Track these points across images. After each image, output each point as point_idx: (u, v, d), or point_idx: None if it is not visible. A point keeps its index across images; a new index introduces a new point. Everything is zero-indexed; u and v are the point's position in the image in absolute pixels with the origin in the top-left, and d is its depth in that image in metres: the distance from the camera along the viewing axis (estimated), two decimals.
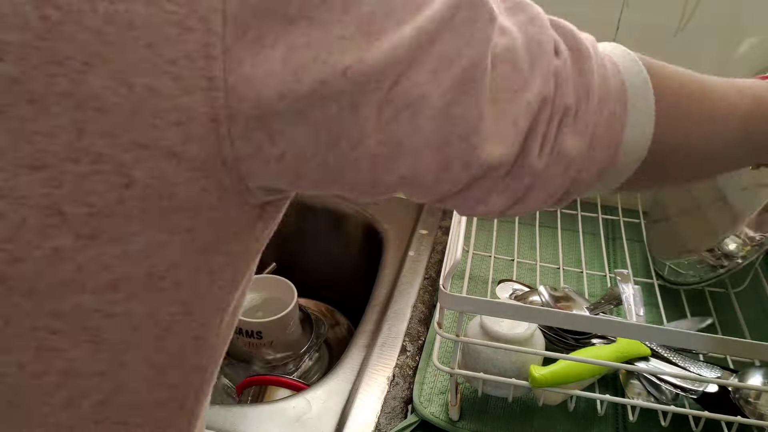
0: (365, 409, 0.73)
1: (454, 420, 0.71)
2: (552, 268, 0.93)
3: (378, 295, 0.90)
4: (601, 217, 1.02)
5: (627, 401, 0.69)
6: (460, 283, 0.87)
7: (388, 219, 1.05)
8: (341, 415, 0.72)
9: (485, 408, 0.73)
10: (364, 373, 0.77)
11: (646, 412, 0.69)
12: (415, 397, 0.74)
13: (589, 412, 0.72)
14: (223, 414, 0.72)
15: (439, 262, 0.97)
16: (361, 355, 0.80)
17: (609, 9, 0.96)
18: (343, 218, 1.10)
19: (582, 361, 0.67)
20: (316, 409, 0.73)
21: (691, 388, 0.68)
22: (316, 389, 0.76)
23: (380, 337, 0.82)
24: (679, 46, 0.96)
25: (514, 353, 0.69)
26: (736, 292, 0.87)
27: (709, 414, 0.66)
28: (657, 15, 0.95)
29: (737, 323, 0.82)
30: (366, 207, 1.08)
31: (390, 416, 0.72)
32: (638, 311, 0.81)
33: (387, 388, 0.76)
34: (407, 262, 0.96)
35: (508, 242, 0.98)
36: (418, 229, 1.03)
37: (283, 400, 0.76)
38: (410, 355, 0.80)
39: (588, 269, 0.93)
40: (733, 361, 0.77)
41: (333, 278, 1.15)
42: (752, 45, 0.94)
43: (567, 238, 0.99)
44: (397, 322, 0.85)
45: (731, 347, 0.65)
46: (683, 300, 0.86)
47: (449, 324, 0.83)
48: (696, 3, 0.93)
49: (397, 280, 0.92)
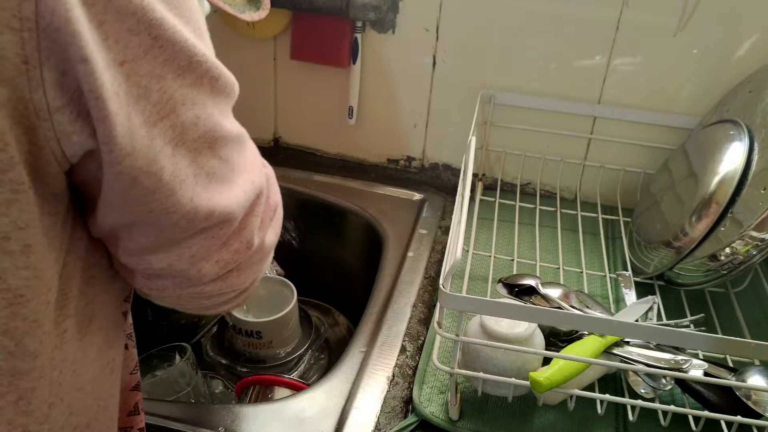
0: (365, 408, 0.73)
1: (454, 420, 0.71)
2: (552, 268, 0.93)
3: (378, 294, 0.90)
4: (601, 217, 1.02)
5: (626, 401, 0.69)
6: (460, 282, 0.87)
7: (388, 219, 1.05)
8: (341, 414, 0.72)
9: (485, 407, 0.73)
10: (364, 372, 0.77)
11: (646, 412, 0.69)
12: (415, 396, 0.74)
13: (589, 412, 0.72)
14: (223, 414, 0.72)
15: (438, 262, 0.97)
16: (361, 354, 0.80)
17: (609, 9, 0.96)
18: (343, 218, 1.10)
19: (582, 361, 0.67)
20: (316, 409, 0.73)
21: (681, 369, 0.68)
22: (316, 389, 0.76)
23: (380, 337, 0.82)
24: (679, 46, 0.96)
25: (514, 353, 0.68)
26: (736, 292, 0.87)
27: (709, 414, 0.66)
28: (657, 15, 0.95)
29: (737, 323, 0.82)
30: (366, 207, 1.08)
31: (390, 416, 0.72)
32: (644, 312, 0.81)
33: (387, 387, 0.76)
34: (407, 261, 0.96)
35: (508, 242, 0.98)
36: (418, 229, 1.03)
37: (283, 400, 0.76)
38: (410, 355, 0.80)
39: (588, 269, 0.93)
40: (732, 360, 0.77)
41: (333, 278, 1.15)
42: (752, 45, 0.94)
43: (567, 238, 0.99)
44: (396, 322, 0.85)
45: (731, 347, 0.65)
46: (683, 300, 0.86)
47: (449, 324, 0.83)
48: (696, 3, 0.93)
49: (397, 280, 0.92)
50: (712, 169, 0.82)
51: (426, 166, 1.16)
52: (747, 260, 0.76)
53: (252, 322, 0.92)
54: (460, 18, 1.01)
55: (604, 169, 1.05)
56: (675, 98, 1.00)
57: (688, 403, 0.71)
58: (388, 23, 1.04)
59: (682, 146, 0.95)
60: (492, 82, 1.04)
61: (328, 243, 1.12)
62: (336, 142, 1.18)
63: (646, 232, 0.92)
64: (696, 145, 0.91)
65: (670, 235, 0.84)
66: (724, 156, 0.81)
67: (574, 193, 1.09)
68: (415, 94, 1.09)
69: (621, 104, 1.02)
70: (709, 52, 0.96)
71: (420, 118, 1.11)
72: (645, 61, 0.98)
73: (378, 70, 1.08)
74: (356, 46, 1.05)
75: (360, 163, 1.19)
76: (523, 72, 1.03)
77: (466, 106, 1.02)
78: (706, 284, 0.82)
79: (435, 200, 1.10)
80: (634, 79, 1.00)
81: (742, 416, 0.65)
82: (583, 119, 1.04)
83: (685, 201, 0.84)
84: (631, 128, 1.02)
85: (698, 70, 0.98)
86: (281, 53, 1.11)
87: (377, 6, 1.00)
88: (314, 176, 1.14)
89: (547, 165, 1.07)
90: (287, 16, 1.06)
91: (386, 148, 1.16)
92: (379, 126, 1.14)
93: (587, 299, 0.82)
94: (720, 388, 0.69)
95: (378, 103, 1.11)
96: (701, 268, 0.81)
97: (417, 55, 1.06)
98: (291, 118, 1.18)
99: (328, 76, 1.11)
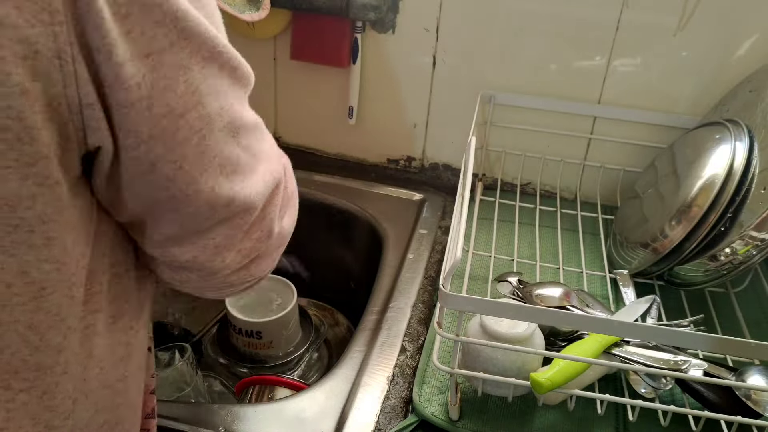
0: (365, 408, 0.73)
1: (454, 420, 0.71)
2: (552, 268, 0.93)
3: (378, 294, 0.90)
4: (601, 217, 1.02)
5: (627, 401, 0.69)
6: (460, 282, 0.87)
7: (388, 219, 1.05)
8: (341, 414, 0.72)
9: (485, 407, 0.73)
10: (364, 372, 0.77)
11: (646, 412, 0.69)
12: (415, 396, 0.74)
13: (589, 412, 0.72)
14: (223, 414, 0.72)
15: (438, 262, 0.97)
16: (361, 355, 0.80)
17: (609, 9, 0.96)
18: (343, 218, 1.10)
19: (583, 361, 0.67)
20: (316, 409, 0.73)
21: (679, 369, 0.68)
22: (316, 389, 0.76)
23: (380, 337, 0.82)
24: (679, 46, 0.96)
25: (514, 353, 0.68)
26: (736, 292, 0.87)
27: (709, 413, 0.66)
28: (657, 15, 0.95)
29: (737, 323, 0.82)
30: (366, 207, 1.08)
31: (390, 416, 0.72)
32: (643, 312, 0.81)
33: (387, 387, 0.76)
34: (407, 261, 0.96)
35: (508, 242, 0.98)
36: (418, 229, 1.03)
37: (283, 400, 0.76)
38: (410, 355, 0.80)
39: (588, 269, 0.93)
40: (732, 360, 0.77)
41: (333, 278, 1.15)
42: (752, 45, 0.94)
43: (567, 238, 0.99)
44: (396, 322, 0.85)
45: (731, 347, 0.65)
46: (683, 300, 0.86)
47: (449, 324, 0.83)
48: (696, 3, 0.93)
49: (397, 280, 0.92)
50: (696, 172, 0.82)
51: (426, 166, 1.16)
52: (747, 260, 0.76)
53: (252, 322, 0.92)
54: (460, 18, 1.01)
55: (604, 169, 1.05)
56: (675, 98, 1.00)
57: (688, 403, 0.71)
58: (388, 23, 1.04)
59: (671, 146, 0.95)
60: (492, 82, 1.04)
61: (328, 243, 1.12)
62: (336, 142, 1.18)
63: (626, 231, 0.93)
64: (683, 147, 0.92)
65: (649, 236, 0.85)
66: (709, 160, 0.82)
67: (574, 193, 1.09)
68: (415, 94, 1.09)
69: (621, 104, 1.02)
70: (709, 52, 0.96)
71: (420, 118, 1.11)
72: (645, 61, 0.98)
73: (378, 70, 1.08)
74: (356, 46, 1.05)
75: (360, 163, 1.19)
76: (523, 72, 1.03)
77: (466, 106, 1.02)
78: (706, 284, 0.82)
79: (435, 200, 1.10)
80: (634, 79, 1.00)
81: (742, 416, 0.65)
82: (583, 119, 1.04)
83: (666, 203, 0.85)
84: (631, 128, 1.02)
85: (698, 70, 0.98)
86: (281, 53, 1.11)
87: (377, 6, 1.00)
88: (314, 176, 1.14)
89: (547, 165, 1.07)
90: (287, 16, 1.06)
91: (386, 148, 1.16)
92: (379, 126, 1.14)
93: (588, 298, 0.82)
94: (720, 387, 0.69)
95: (378, 103, 1.11)
96: (701, 268, 0.81)
97: (417, 55, 1.06)
98: (291, 118, 1.18)
99: (328, 76, 1.11)
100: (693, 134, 0.91)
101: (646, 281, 0.89)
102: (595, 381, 0.74)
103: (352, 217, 1.09)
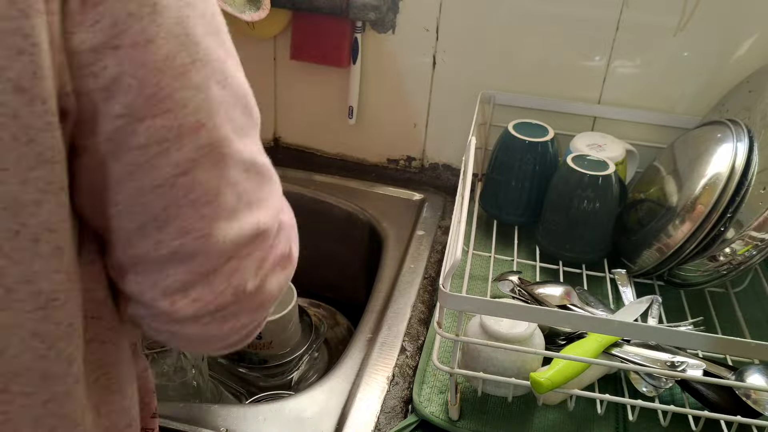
0: (365, 408, 0.73)
1: (454, 419, 0.71)
2: (552, 268, 0.93)
3: (378, 295, 0.90)
4: None
5: (627, 401, 0.69)
6: (460, 282, 0.87)
7: (388, 219, 1.05)
8: (341, 414, 0.72)
9: (485, 407, 0.73)
10: (364, 372, 0.77)
11: (645, 412, 0.69)
12: (415, 396, 0.74)
13: (589, 412, 0.72)
14: (223, 414, 0.72)
15: (438, 262, 0.97)
16: (361, 355, 0.80)
17: (609, 9, 0.96)
18: (343, 218, 1.10)
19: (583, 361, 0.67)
20: (316, 409, 0.73)
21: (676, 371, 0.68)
22: (316, 389, 0.76)
23: (380, 337, 0.82)
24: (679, 46, 0.96)
25: (514, 352, 0.68)
26: (736, 292, 0.87)
27: (709, 413, 0.66)
28: (657, 15, 0.95)
29: (737, 323, 0.82)
30: (366, 207, 1.08)
31: (390, 416, 0.72)
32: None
33: (387, 387, 0.76)
34: (407, 261, 0.96)
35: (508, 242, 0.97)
36: (418, 229, 1.03)
37: (283, 400, 0.76)
38: (410, 355, 0.80)
39: (588, 269, 0.92)
40: (732, 359, 0.77)
41: (332, 278, 1.15)
42: (752, 45, 0.94)
43: None
44: (396, 322, 0.85)
45: (731, 347, 0.65)
46: (683, 300, 0.86)
47: (449, 323, 0.83)
48: (696, 3, 0.93)
49: (397, 280, 0.92)
50: (698, 171, 0.82)
51: (426, 166, 1.16)
52: (747, 260, 0.76)
53: None
54: (460, 18, 1.01)
55: None
56: (675, 98, 1.00)
57: (688, 402, 0.71)
58: (388, 23, 1.04)
59: (671, 146, 0.95)
60: (492, 82, 1.04)
61: (328, 243, 1.12)
62: (336, 142, 1.18)
63: (627, 231, 0.93)
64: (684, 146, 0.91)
65: (652, 236, 0.85)
66: (711, 158, 0.82)
67: None
68: (415, 94, 1.09)
69: (621, 104, 1.02)
70: (709, 52, 0.96)
71: (420, 118, 1.11)
72: (645, 61, 0.98)
73: (378, 70, 1.08)
74: (356, 46, 1.05)
75: (360, 163, 1.19)
76: (523, 72, 1.03)
77: (466, 106, 1.02)
78: (706, 284, 0.82)
79: (435, 200, 1.10)
80: (633, 79, 1.00)
81: (742, 415, 0.65)
82: (583, 119, 1.04)
83: (669, 202, 0.85)
84: (631, 128, 1.02)
85: (698, 70, 0.98)
86: (281, 53, 1.11)
87: (377, 6, 1.00)
88: (314, 176, 1.14)
89: None
90: (287, 16, 1.06)
91: (386, 148, 1.16)
92: (378, 126, 1.14)
93: (589, 297, 0.82)
94: (720, 387, 0.69)
95: (378, 103, 1.11)
96: (701, 268, 0.81)
97: (417, 55, 1.06)
98: (291, 118, 1.18)
99: (328, 76, 1.11)
100: (694, 133, 0.91)
101: (646, 281, 0.89)
102: (595, 381, 0.74)
103: (352, 217, 1.09)
